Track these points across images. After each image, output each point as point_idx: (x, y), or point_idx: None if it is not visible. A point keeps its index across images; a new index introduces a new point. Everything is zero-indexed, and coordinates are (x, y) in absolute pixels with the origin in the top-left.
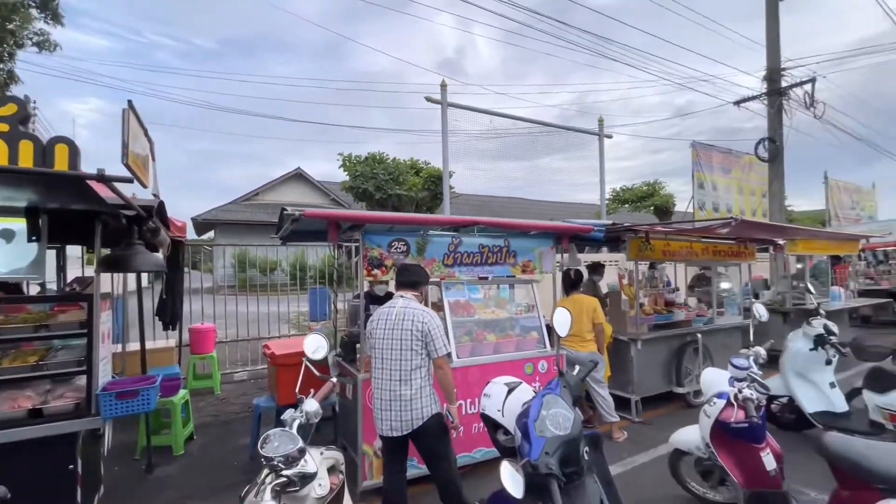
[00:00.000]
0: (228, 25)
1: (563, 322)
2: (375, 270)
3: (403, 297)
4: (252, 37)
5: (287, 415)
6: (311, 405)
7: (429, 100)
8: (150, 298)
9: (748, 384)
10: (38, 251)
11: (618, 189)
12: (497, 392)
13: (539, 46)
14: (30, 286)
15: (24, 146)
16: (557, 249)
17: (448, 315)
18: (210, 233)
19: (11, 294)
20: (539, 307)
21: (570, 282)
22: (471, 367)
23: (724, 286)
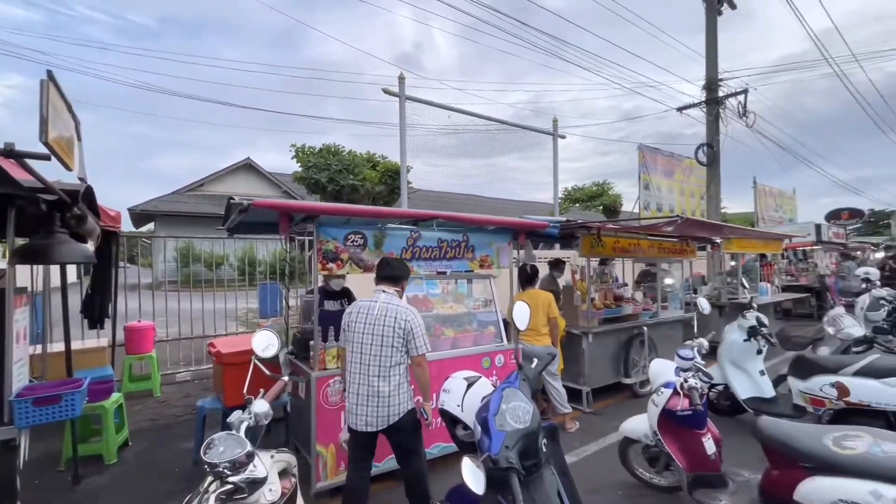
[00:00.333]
0: (168, 2)
1: (523, 315)
2: (331, 264)
3: (385, 293)
4: (195, 16)
5: (234, 417)
6: (261, 406)
7: (387, 92)
8: (79, 294)
9: (693, 374)
10: None
11: (569, 188)
12: (456, 387)
13: (495, 43)
14: None
15: None
16: (514, 245)
17: None
18: (149, 225)
19: None
20: (497, 302)
21: (526, 276)
22: (429, 363)
23: (668, 282)
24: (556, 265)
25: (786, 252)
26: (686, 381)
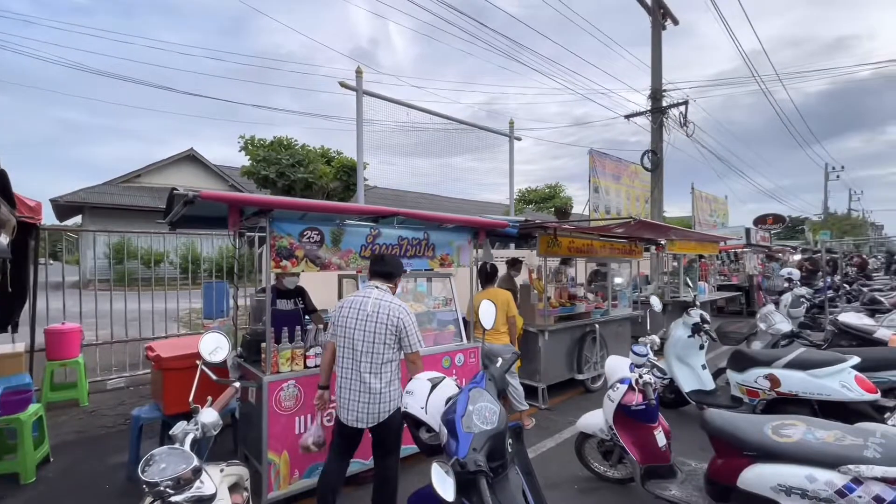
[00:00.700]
0: None
1: (489, 314)
2: (285, 262)
3: (378, 289)
4: None
5: (178, 429)
6: (209, 416)
7: (343, 85)
8: None
9: (648, 370)
10: None
11: (523, 190)
12: (420, 388)
13: (451, 43)
14: None
15: None
16: (474, 244)
17: None
18: (76, 218)
19: None
20: (457, 301)
21: (486, 275)
22: None
23: (618, 281)
24: (514, 264)
25: (721, 253)
26: (641, 377)
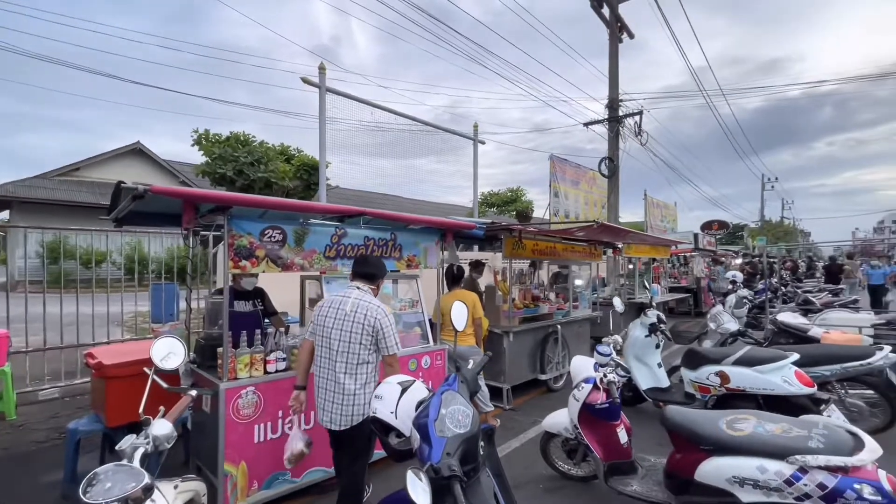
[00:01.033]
0: None
1: (461, 316)
2: (244, 262)
3: (360, 289)
4: None
5: (126, 443)
6: (162, 427)
7: (305, 81)
8: None
9: (612, 369)
10: None
11: (486, 193)
12: (389, 392)
13: (417, 42)
14: None
15: None
16: (441, 246)
17: None
18: (4, 213)
19: None
20: (423, 302)
21: (453, 277)
22: None
23: (578, 283)
24: (477, 266)
25: (670, 257)
26: (605, 376)
